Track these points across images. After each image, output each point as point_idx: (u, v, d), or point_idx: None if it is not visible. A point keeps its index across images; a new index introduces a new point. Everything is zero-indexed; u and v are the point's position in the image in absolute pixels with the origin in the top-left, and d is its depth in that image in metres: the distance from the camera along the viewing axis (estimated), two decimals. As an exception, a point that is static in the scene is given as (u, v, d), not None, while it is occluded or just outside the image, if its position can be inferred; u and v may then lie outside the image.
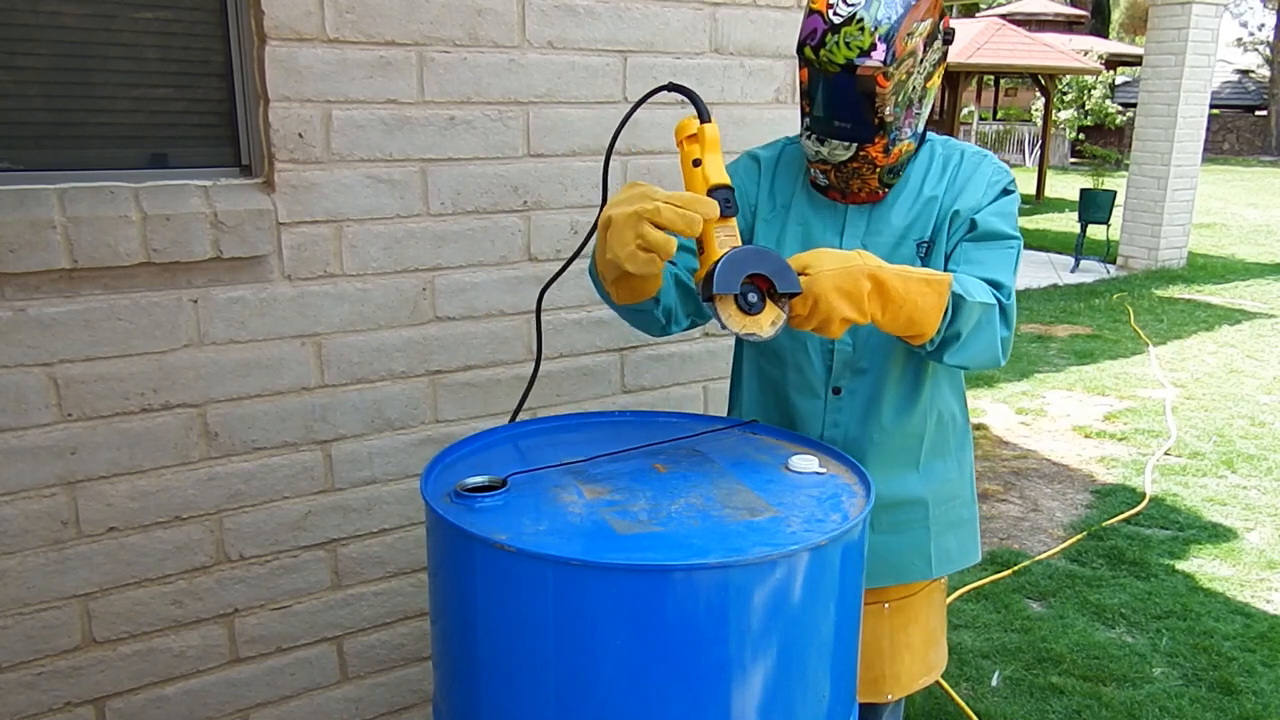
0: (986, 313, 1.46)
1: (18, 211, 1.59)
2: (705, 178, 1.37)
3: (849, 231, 1.62)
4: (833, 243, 1.61)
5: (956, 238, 1.57)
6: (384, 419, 2.01)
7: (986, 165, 1.63)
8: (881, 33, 1.42)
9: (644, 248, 1.28)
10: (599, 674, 1.16)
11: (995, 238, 1.56)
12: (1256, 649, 3.07)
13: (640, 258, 1.29)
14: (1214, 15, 9.18)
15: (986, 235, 1.56)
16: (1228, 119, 28.48)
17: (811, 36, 1.45)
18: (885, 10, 1.42)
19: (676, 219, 1.28)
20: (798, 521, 1.25)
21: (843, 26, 1.42)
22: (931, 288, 1.39)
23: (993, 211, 1.57)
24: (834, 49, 1.43)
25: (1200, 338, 7.16)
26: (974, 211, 1.57)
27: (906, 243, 1.59)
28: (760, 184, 1.69)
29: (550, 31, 2.00)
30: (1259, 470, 4.60)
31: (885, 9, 1.42)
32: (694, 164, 1.39)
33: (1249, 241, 12.18)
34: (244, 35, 1.77)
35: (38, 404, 1.68)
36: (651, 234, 1.27)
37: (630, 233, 1.28)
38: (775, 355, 1.69)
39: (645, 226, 1.27)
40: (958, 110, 15.76)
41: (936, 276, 1.40)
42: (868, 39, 1.42)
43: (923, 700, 2.77)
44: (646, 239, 1.27)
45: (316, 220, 1.85)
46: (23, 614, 1.75)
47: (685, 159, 1.40)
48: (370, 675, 2.13)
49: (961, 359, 1.48)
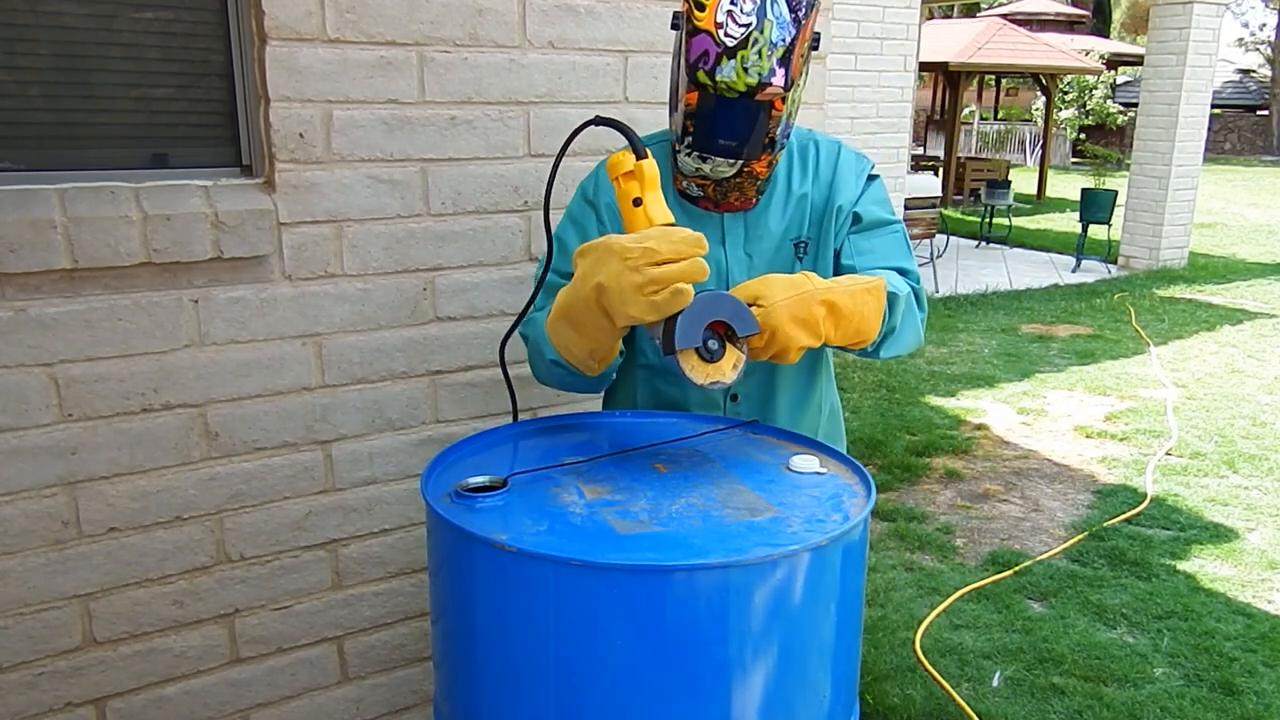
0: (909, 302, 1.51)
1: (18, 211, 1.59)
2: (648, 217, 1.31)
3: (730, 240, 1.61)
4: (716, 253, 1.59)
5: (844, 234, 1.61)
6: (385, 419, 2.01)
7: (847, 155, 1.64)
8: (778, 56, 1.37)
9: (657, 292, 1.22)
10: (599, 674, 1.15)
11: (881, 225, 1.61)
12: (1258, 649, 3.06)
13: (663, 301, 1.22)
14: (1215, 15, 9.18)
15: (872, 225, 1.60)
16: (1229, 119, 28.46)
17: (704, 60, 1.36)
18: (779, 32, 1.36)
19: (674, 249, 1.22)
20: (798, 522, 1.25)
21: (738, 50, 1.35)
22: (872, 295, 1.41)
23: (870, 200, 1.62)
24: (733, 75, 1.36)
25: (1201, 338, 7.16)
26: (853, 205, 1.61)
27: (785, 245, 1.61)
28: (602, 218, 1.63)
29: (551, 31, 2.00)
30: (1260, 470, 4.59)
31: (779, 30, 1.36)
32: (634, 203, 1.32)
33: (1250, 241, 12.17)
34: (245, 35, 1.77)
35: (38, 404, 1.68)
36: (666, 272, 1.21)
37: (636, 291, 1.22)
38: (672, 374, 1.69)
39: (652, 271, 1.21)
40: (958, 110, 15.75)
41: (873, 283, 1.42)
42: (765, 64, 1.37)
43: (923, 701, 2.77)
44: (661, 280, 1.21)
45: (317, 220, 1.85)
46: (23, 614, 1.75)
47: (623, 198, 1.34)
48: (371, 675, 2.13)
49: (894, 350, 1.53)
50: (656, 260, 1.21)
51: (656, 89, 2.14)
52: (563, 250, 1.59)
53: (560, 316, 1.37)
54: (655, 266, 1.21)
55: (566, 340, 1.36)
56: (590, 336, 1.34)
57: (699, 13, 1.36)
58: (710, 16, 1.35)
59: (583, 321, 1.33)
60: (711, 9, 1.36)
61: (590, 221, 1.61)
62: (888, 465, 4.55)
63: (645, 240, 1.23)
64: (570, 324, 1.35)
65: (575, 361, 1.39)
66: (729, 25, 1.35)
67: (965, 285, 8.92)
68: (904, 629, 3.16)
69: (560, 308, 1.36)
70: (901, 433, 5.01)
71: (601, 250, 1.26)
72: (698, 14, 1.36)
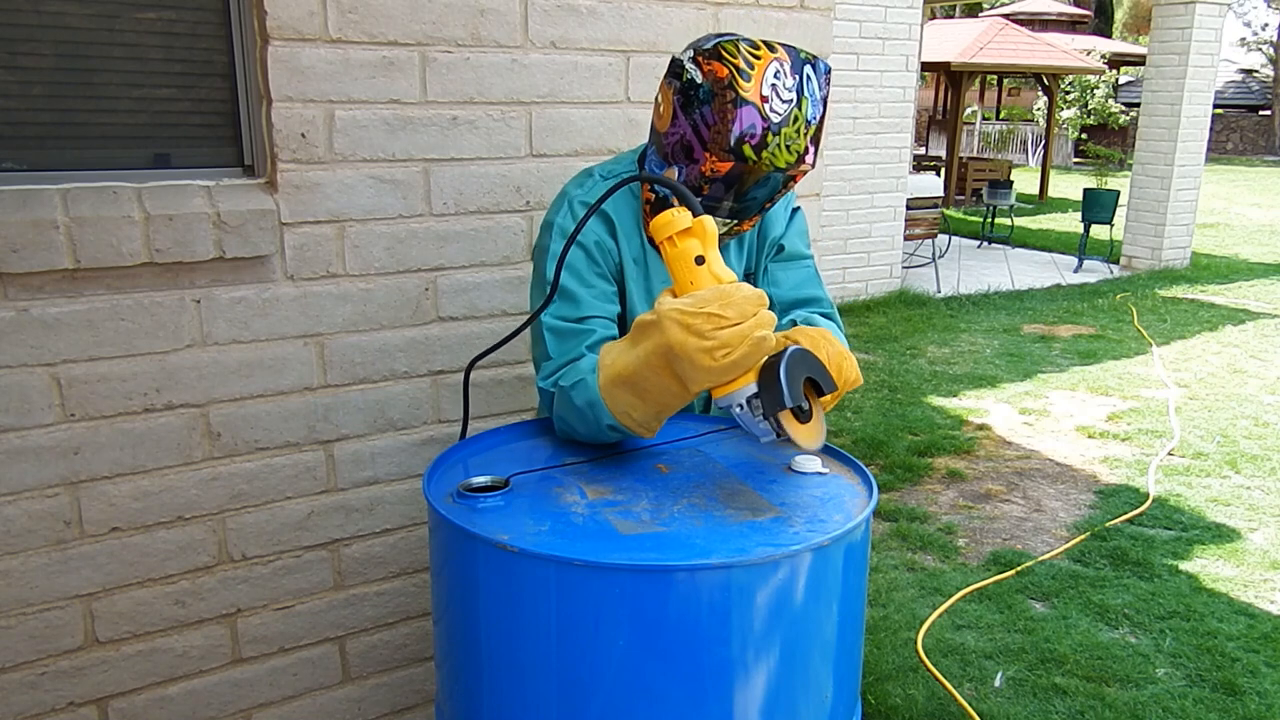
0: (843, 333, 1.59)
1: (21, 212, 1.60)
2: (715, 275, 1.24)
3: None
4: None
5: (765, 261, 1.66)
6: (386, 419, 2.01)
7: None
8: (811, 134, 1.39)
9: (730, 353, 1.19)
10: (601, 674, 1.15)
11: (801, 258, 1.68)
12: (1260, 650, 3.06)
13: (744, 356, 1.20)
14: (1218, 15, 9.17)
15: (793, 257, 1.67)
16: (1231, 119, 28.42)
17: (752, 134, 1.34)
18: (813, 109, 1.38)
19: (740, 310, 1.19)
20: (800, 522, 1.25)
21: (782, 127, 1.35)
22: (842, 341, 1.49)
23: (794, 233, 1.68)
24: (776, 152, 1.36)
25: (1204, 338, 7.15)
26: (781, 237, 1.66)
27: (745, 280, 1.66)
28: (619, 238, 1.58)
29: (553, 31, 2.00)
30: (1263, 470, 4.59)
31: (813, 108, 1.38)
32: (697, 261, 1.25)
33: (1252, 241, 12.16)
34: (247, 35, 1.77)
35: (41, 404, 1.69)
36: (737, 333, 1.19)
37: (707, 355, 1.19)
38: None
39: (723, 335, 1.18)
40: (960, 110, 15.74)
41: (835, 332, 1.51)
42: (802, 141, 1.38)
43: (925, 701, 2.76)
44: (732, 342, 1.19)
45: (319, 220, 1.85)
46: (25, 614, 1.75)
47: (682, 257, 1.26)
48: (373, 675, 2.14)
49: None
50: (723, 326, 1.19)
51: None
52: (566, 297, 1.51)
53: (619, 383, 1.31)
54: (723, 330, 1.19)
55: (627, 406, 1.32)
56: (657, 401, 1.31)
57: (744, 83, 1.33)
58: (756, 88, 1.34)
59: (649, 389, 1.29)
60: (757, 80, 1.34)
61: (582, 263, 1.53)
62: (889, 465, 4.55)
63: (707, 306, 1.20)
64: (633, 391, 1.30)
65: (636, 425, 1.35)
66: (774, 100, 1.35)
67: (967, 285, 8.92)
68: (906, 629, 3.16)
69: (619, 376, 1.31)
70: (903, 433, 5.00)
71: (666, 322, 1.21)
72: (743, 84, 1.33)
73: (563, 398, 1.41)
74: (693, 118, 1.38)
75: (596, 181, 1.56)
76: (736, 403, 1.25)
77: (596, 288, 1.51)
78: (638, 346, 1.27)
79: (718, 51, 1.35)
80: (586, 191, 1.55)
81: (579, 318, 1.47)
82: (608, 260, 1.54)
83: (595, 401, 1.35)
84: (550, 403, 1.47)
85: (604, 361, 1.34)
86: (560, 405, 1.43)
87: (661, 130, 1.45)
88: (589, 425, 1.39)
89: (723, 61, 1.34)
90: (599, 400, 1.34)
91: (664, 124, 1.44)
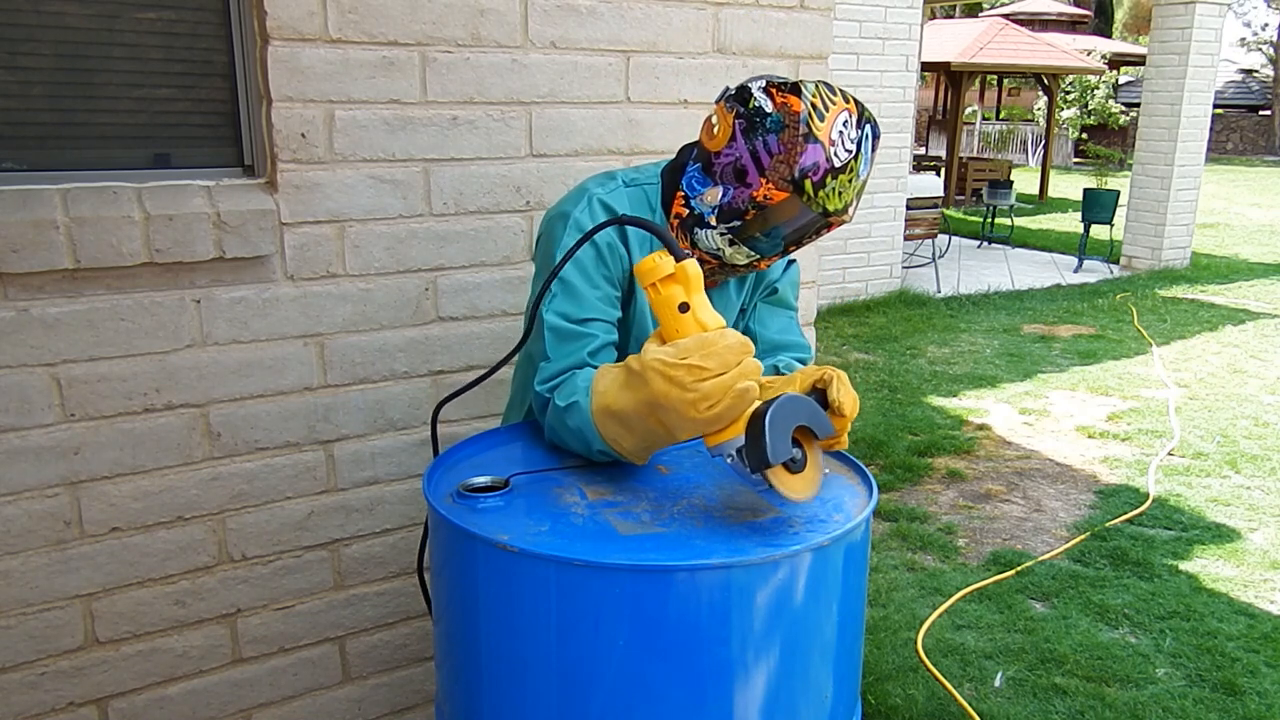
0: None
1: (21, 212, 1.60)
2: (699, 323, 1.21)
3: (717, 309, 1.57)
4: None
5: (757, 299, 1.71)
6: (386, 419, 2.01)
7: None
8: (858, 188, 1.40)
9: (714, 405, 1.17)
10: (601, 675, 1.15)
11: (788, 308, 1.74)
12: (1260, 649, 3.06)
13: (727, 409, 1.18)
14: (1218, 15, 9.17)
15: (781, 303, 1.73)
16: (1231, 119, 28.43)
17: (814, 171, 1.35)
18: (864, 167, 1.40)
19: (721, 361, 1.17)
20: (800, 522, 1.25)
21: (840, 174, 1.36)
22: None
23: (789, 283, 1.74)
24: (830, 195, 1.36)
25: (1204, 338, 7.15)
26: (776, 280, 1.71)
27: (738, 313, 1.69)
28: (630, 247, 1.55)
29: (553, 31, 2.00)
30: (1263, 471, 4.59)
31: (864, 166, 1.40)
32: (681, 309, 1.22)
33: (1252, 241, 12.16)
34: (247, 35, 1.77)
35: (41, 404, 1.69)
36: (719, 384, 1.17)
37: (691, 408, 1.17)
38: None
39: (704, 387, 1.17)
40: (960, 110, 15.74)
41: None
42: (851, 192, 1.39)
43: (925, 701, 2.76)
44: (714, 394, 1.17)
45: (319, 220, 1.85)
46: (25, 614, 1.75)
47: (666, 304, 1.23)
48: (373, 675, 2.14)
49: None
50: (705, 378, 1.17)
51: (658, 89, 2.14)
52: (570, 293, 1.49)
53: (609, 415, 1.30)
54: (705, 382, 1.17)
55: (617, 435, 1.31)
56: (644, 440, 1.29)
57: (818, 121, 1.35)
58: (828, 130, 1.35)
59: (636, 429, 1.28)
60: (830, 122, 1.35)
61: (590, 262, 1.51)
62: (889, 465, 4.55)
63: (688, 357, 1.17)
64: (623, 424, 1.29)
65: (626, 454, 1.33)
66: (840, 144, 1.36)
67: (967, 285, 8.92)
68: (906, 629, 3.16)
69: (609, 410, 1.29)
70: (903, 433, 5.00)
71: (650, 373, 1.20)
72: (816, 122, 1.35)
73: (556, 414, 1.41)
74: (753, 143, 1.38)
75: (619, 186, 1.56)
76: (726, 454, 1.22)
77: (601, 290, 1.50)
78: (626, 391, 1.26)
79: (796, 87, 1.37)
80: (609, 193, 1.54)
81: (581, 319, 1.47)
82: (617, 265, 1.53)
83: (587, 426, 1.34)
84: (544, 407, 1.47)
85: (597, 388, 1.32)
86: (553, 419, 1.43)
87: (713, 149, 1.44)
88: (580, 445, 1.38)
89: (800, 97, 1.36)
90: (591, 426, 1.33)
91: (717, 144, 1.43)
